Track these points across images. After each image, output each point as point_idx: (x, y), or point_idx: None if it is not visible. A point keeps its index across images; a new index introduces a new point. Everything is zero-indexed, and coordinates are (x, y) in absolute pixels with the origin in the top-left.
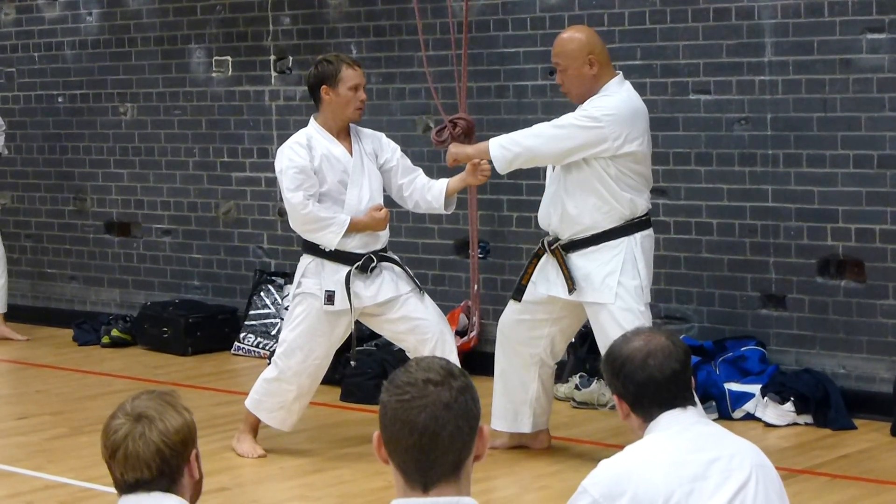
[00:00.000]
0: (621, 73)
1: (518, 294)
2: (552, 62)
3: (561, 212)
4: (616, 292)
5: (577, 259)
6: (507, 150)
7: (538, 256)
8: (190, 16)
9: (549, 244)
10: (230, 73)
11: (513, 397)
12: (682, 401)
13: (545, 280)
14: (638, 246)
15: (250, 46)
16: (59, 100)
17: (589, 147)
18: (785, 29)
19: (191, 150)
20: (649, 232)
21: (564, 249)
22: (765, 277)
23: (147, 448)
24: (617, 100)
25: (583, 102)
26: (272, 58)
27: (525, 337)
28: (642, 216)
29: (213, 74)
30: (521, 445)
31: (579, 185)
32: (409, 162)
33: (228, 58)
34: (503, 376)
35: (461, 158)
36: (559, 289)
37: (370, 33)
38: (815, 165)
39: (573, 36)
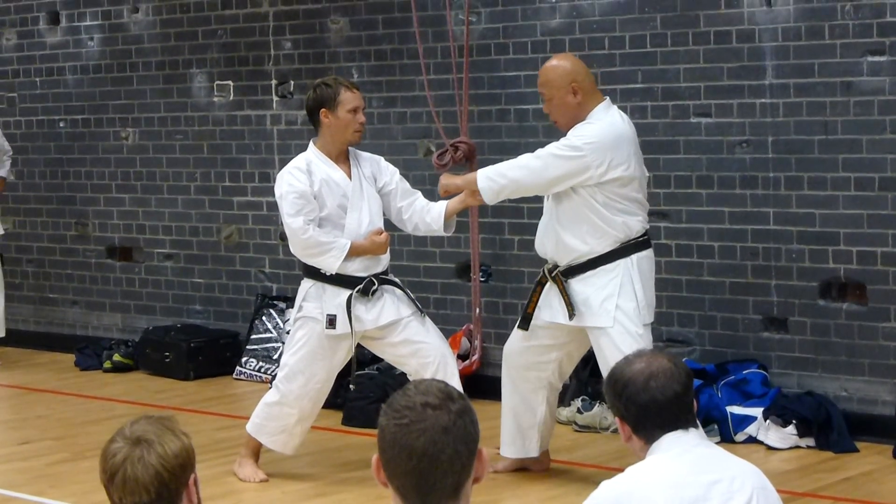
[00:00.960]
0: (608, 98)
1: (524, 323)
2: (538, 91)
3: (555, 240)
4: (614, 316)
5: (576, 285)
6: (493, 181)
7: (542, 284)
8: (191, 40)
9: (550, 271)
10: (232, 97)
11: (521, 423)
12: (683, 423)
13: (549, 307)
14: (635, 268)
15: (252, 71)
16: (61, 125)
17: (573, 176)
18: (786, 52)
19: (192, 175)
20: (647, 253)
21: (564, 276)
22: (766, 300)
23: (146, 472)
24: (598, 127)
25: (569, 130)
26: (274, 82)
27: (533, 362)
28: (639, 237)
29: (215, 99)
30: (522, 468)
31: (570, 213)
32: (407, 185)
33: (230, 82)
34: (511, 403)
35: (451, 189)
36: (561, 315)
37: (371, 57)
38: (817, 188)
39: (556, 65)
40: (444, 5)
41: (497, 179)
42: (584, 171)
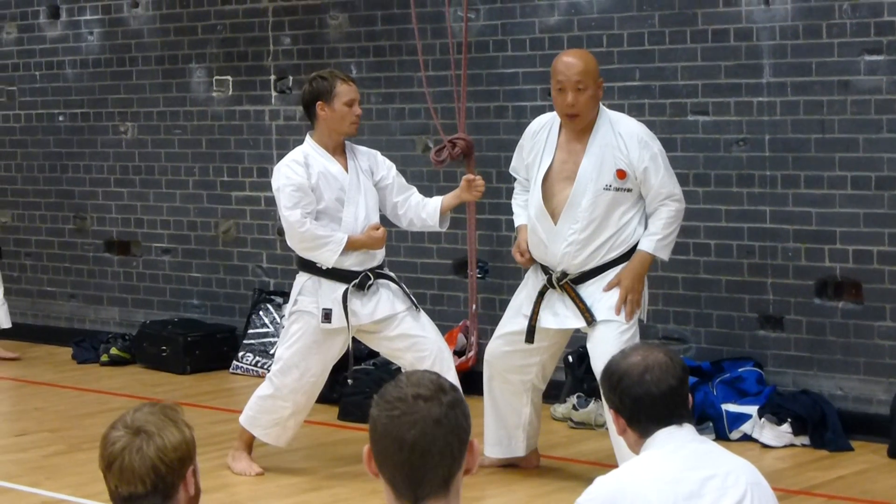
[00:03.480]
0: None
1: (531, 336)
2: (572, 81)
3: (584, 250)
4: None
5: (587, 288)
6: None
7: (541, 294)
8: (191, 35)
9: (558, 280)
10: (230, 92)
11: (506, 423)
12: (678, 417)
13: (553, 314)
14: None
15: (251, 66)
16: (60, 118)
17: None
18: (783, 50)
19: (191, 170)
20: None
21: (573, 282)
22: (762, 298)
23: (143, 463)
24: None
25: (586, 127)
26: (272, 77)
27: (516, 365)
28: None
29: (214, 94)
30: (511, 465)
31: (613, 224)
32: (403, 180)
33: (229, 77)
34: (494, 405)
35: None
36: (573, 321)
37: (370, 53)
38: (813, 187)
39: (590, 57)
40: (442, 2)
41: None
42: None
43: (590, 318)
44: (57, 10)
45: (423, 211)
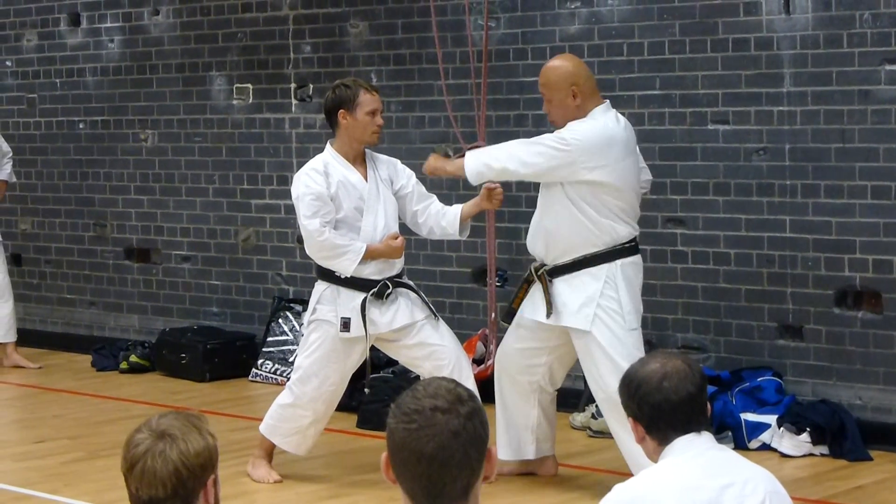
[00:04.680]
0: (608, 101)
1: (508, 317)
2: (540, 91)
3: (543, 238)
4: (593, 319)
5: (559, 284)
6: (479, 163)
7: (528, 282)
8: (211, 43)
9: (536, 270)
10: (251, 100)
11: (514, 424)
12: (696, 425)
13: (532, 305)
14: (619, 272)
15: (271, 74)
16: (80, 126)
17: (558, 169)
18: (804, 59)
19: (211, 177)
20: (634, 259)
21: (549, 275)
22: (782, 308)
23: (165, 467)
24: (590, 126)
25: None
26: (293, 86)
27: (523, 365)
28: (626, 243)
29: (234, 102)
30: (528, 472)
31: (559, 212)
32: (423, 188)
33: (249, 85)
34: (504, 405)
35: (439, 172)
36: (541, 313)
37: (390, 62)
38: (833, 196)
39: (557, 65)
40: (463, 10)
41: (485, 160)
42: (570, 165)
43: (549, 310)
44: (78, 17)
45: (443, 219)
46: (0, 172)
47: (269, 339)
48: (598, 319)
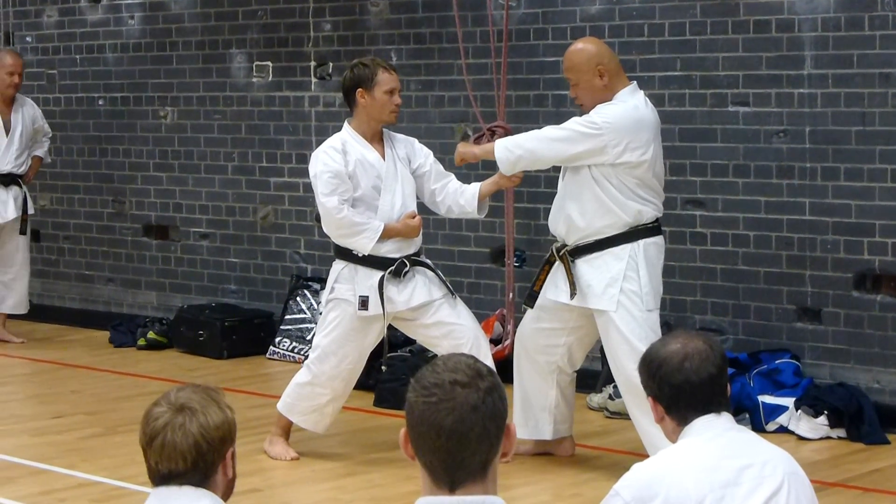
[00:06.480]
0: (635, 82)
1: (531, 300)
2: (564, 76)
3: (566, 218)
4: (618, 300)
5: (581, 265)
6: (510, 152)
7: (550, 263)
8: (231, 21)
9: (558, 250)
10: (270, 78)
11: (532, 404)
12: (716, 405)
13: (554, 286)
14: (641, 252)
15: (291, 52)
16: (100, 102)
17: (590, 154)
18: (825, 42)
19: (230, 155)
20: (656, 239)
21: (571, 255)
22: (800, 290)
23: (185, 440)
24: (621, 108)
25: None
26: (312, 64)
27: (542, 345)
28: (649, 223)
29: (254, 79)
30: (545, 452)
31: (583, 192)
32: (441, 167)
33: (269, 63)
34: (522, 384)
35: (468, 158)
36: (564, 294)
37: (410, 41)
38: (853, 179)
39: (581, 48)
40: None
41: (514, 150)
42: (601, 149)
43: (573, 290)
44: None
45: (462, 197)
46: (37, 149)
47: (287, 316)
48: (621, 300)
